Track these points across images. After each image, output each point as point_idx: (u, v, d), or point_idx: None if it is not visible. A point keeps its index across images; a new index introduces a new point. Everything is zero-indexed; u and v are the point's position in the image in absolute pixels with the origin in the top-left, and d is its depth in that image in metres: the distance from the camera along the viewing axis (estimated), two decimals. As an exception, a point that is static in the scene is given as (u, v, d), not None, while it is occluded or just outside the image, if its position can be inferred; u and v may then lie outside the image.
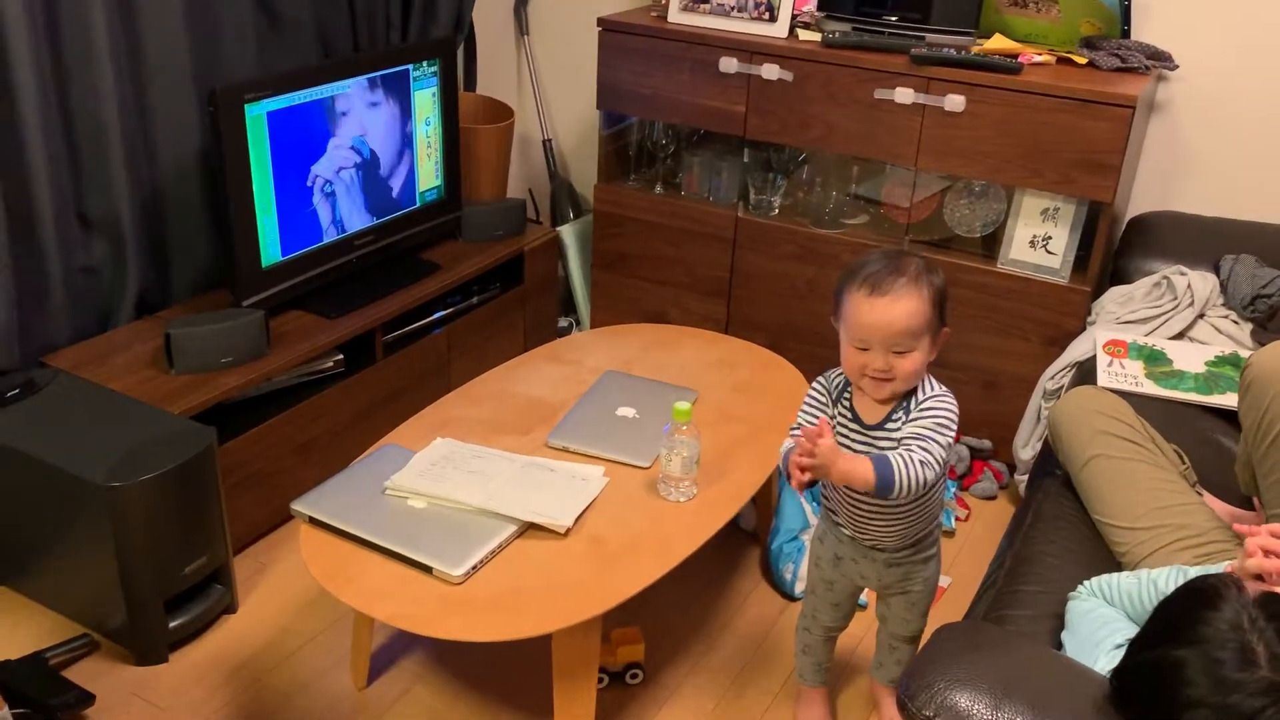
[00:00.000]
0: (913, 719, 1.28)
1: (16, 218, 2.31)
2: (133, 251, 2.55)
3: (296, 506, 1.89)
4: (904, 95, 2.65)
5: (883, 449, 1.67)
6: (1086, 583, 1.65)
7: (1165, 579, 1.54)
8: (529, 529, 1.87)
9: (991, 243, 2.80)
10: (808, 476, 1.59)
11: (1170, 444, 2.00)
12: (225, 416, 2.36)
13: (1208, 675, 1.16)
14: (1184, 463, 1.99)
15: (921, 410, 1.67)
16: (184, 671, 2.15)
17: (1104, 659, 1.47)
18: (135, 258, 2.56)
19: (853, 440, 1.73)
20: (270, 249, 2.55)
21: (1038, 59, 2.66)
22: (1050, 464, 2.23)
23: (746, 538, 2.59)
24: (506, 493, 1.92)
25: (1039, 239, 2.68)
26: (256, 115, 2.41)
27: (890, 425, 1.69)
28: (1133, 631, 1.51)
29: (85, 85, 2.38)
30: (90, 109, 2.40)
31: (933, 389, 1.69)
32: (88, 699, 2.03)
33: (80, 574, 2.16)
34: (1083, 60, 2.68)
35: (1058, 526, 1.91)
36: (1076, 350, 2.56)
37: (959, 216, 2.82)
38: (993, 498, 2.81)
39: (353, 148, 2.71)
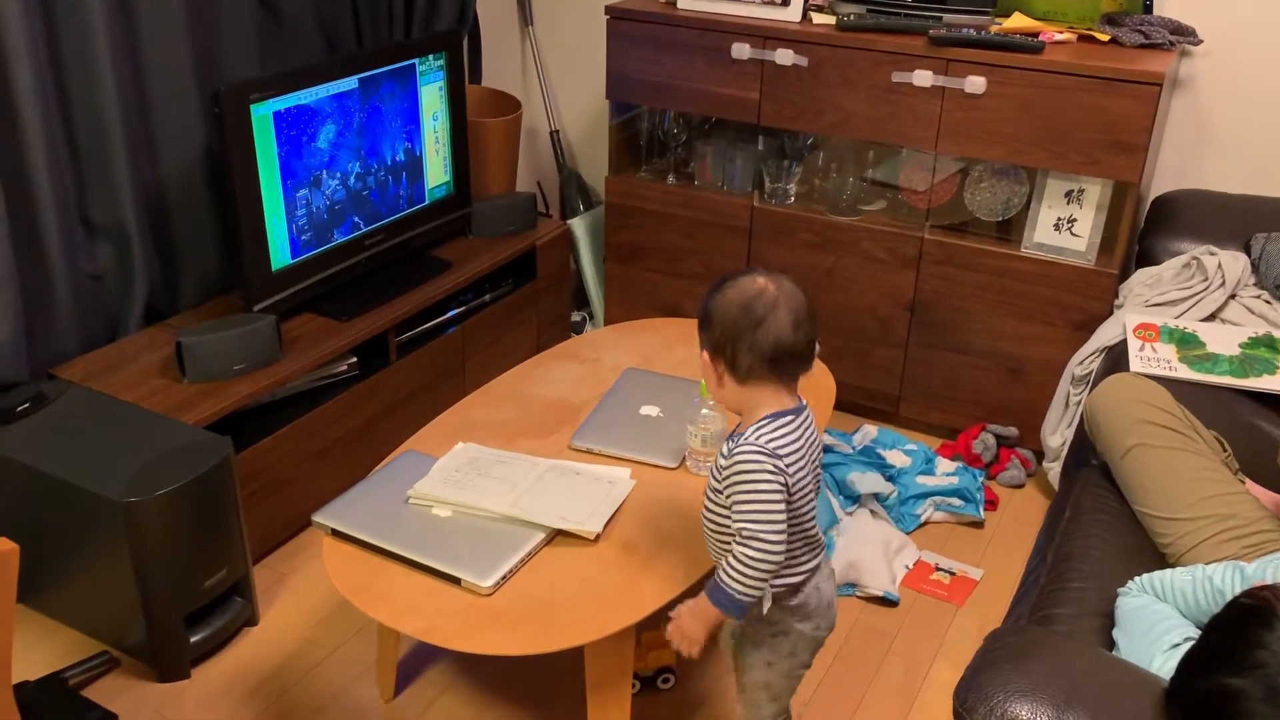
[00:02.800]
0: (972, 733, 1.23)
1: (20, 225, 2.26)
2: (140, 257, 2.50)
3: (318, 519, 1.84)
4: (922, 78, 2.59)
5: (713, 466, 1.56)
6: (1137, 579, 1.60)
7: (1221, 577, 1.49)
8: (557, 536, 1.83)
9: (1009, 227, 2.74)
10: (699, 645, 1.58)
11: (1210, 430, 1.95)
12: (239, 424, 2.31)
13: (1269, 704, 1.12)
14: (1225, 450, 1.94)
15: (729, 467, 1.49)
16: (207, 687, 2.11)
17: (1160, 658, 1.43)
18: (142, 263, 2.51)
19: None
20: (279, 251, 2.50)
21: (1059, 37, 2.60)
22: (1085, 453, 2.18)
23: (773, 534, 2.54)
24: (533, 499, 1.87)
25: (1063, 221, 2.62)
26: (262, 115, 2.35)
27: (725, 449, 1.53)
28: (1188, 630, 1.47)
29: (86, 87, 2.33)
30: (91, 111, 2.35)
31: (744, 442, 1.48)
32: (110, 719, 1.99)
33: (98, 590, 2.12)
34: (1105, 37, 2.62)
35: (1098, 520, 1.86)
36: (1105, 334, 2.51)
37: (980, 200, 2.76)
38: (1020, 486, 2.77)
39: (360, 146, 2.65)
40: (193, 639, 2.12)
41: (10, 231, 2.21)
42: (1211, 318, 2.45)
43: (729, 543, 1.53)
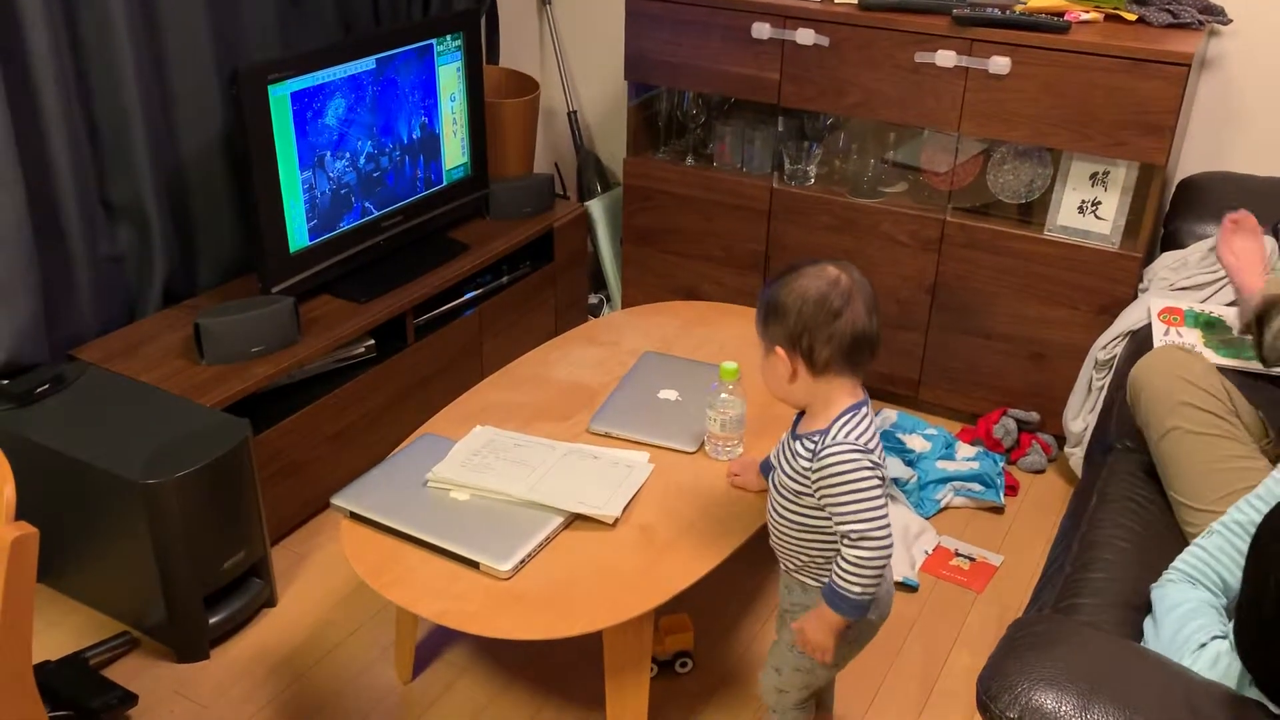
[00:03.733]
0: (996, 721, 1.22)
1: (40, 207, 2.26)
2: (158, 238, 2.50)
3: (336, 501, 1.84)
4: (946, 58, 2.55)
5: (787, 465, 1.55)
6: (1174, 566, 1.57)
7: (1245, 514, 1.48)
8: (576, 520, 1.82)
9: (1032, 209, 2.71)
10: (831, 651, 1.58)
11: (1256, 410, 1.92)
12: (257, 406, 2.31)
13: None
14: (1268, 434, 1.91)
15: (822, 468, 1.47)
16: (226, 668, 2.11)
17: (1189, 658, 1.41)
18: (161, 245, 2.51)
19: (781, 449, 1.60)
20: (297, 233, 2.49)
21: (1085, 17, 2.56)
22: (1109, 438, 2.16)
23: (791, 518, 2.53)
24: (551, 483, 1.86)
25: (1087, 204, 2.59)
26: (280, 96, 2.34)
27: (803, 448, 1.52)
28: (1215, 628, 1.44)
29: (105, 69, 2.32)
30: (111, 94, 2.34)
31: (832, 440, 1.47)
32: (130, 699, 2.00)
33: (118, 571, 2.13)
34: (1132, 16, 2.57)
35: (1125, 509, 1.84)
36: (1129, 319, 2.48)
37: (1003, 182, 2.73)
38: (1041, 471, 2.74)
39: (377, 126, 2.64)
40: (212, 620, 2.12)
41: (31, 214, 2.21)
42: (1236, 302, 2.41)
43: (813, 542, 1.53)
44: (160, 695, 2.05)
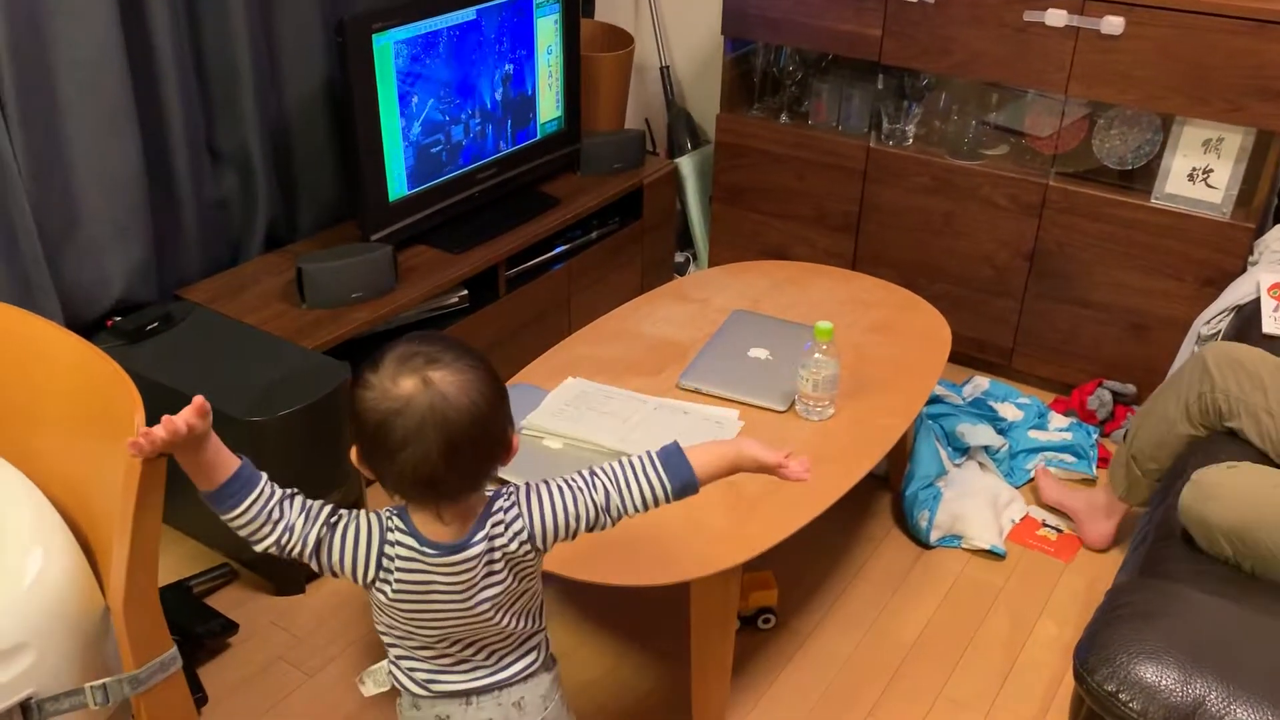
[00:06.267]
0: (1094, 695, 1.21)
1: (153, 153, 2.33)
2: (262, 185, 2.56)
3: (433, 445, 1.88)
4: (1056, 17, 2.47)
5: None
6: None
7: None
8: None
9: (1136, 176, 2.62)
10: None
11: None
12: (353, 351, 2.36)
13: None
14: None
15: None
16: (320, 602, 2.19)
17: None
18: (264, 191, 2.57)
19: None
20: (397, 182, 2.53)
21: (1206, -25, 2.45)
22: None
23: (877, 483, 2.51)
24: (642, 435, 1.88)
25: (1198, 172, 2.50)
26: (383, 45, 2.37)
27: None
28: None
29: (217, 19, 2.38)
30: (222, 43, 2.40)
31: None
32: (232, 627, 2.08)
33: (220, 505, 2.20)
34: (1256, -25, 2.46)
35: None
36: (1236, 292, 2.40)
37: (1108, 147, 2.65)
38: (1135, 445, 2.68)
39: (476, 78, 2.66)
40: (308, 556, 2.19)
41: (145, 159, 2.28)
42: (1356, 277, 2.32)
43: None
44: (258, 625, 2.13)
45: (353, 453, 1.22)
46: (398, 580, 1.23)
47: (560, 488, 1.29)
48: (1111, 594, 1.36)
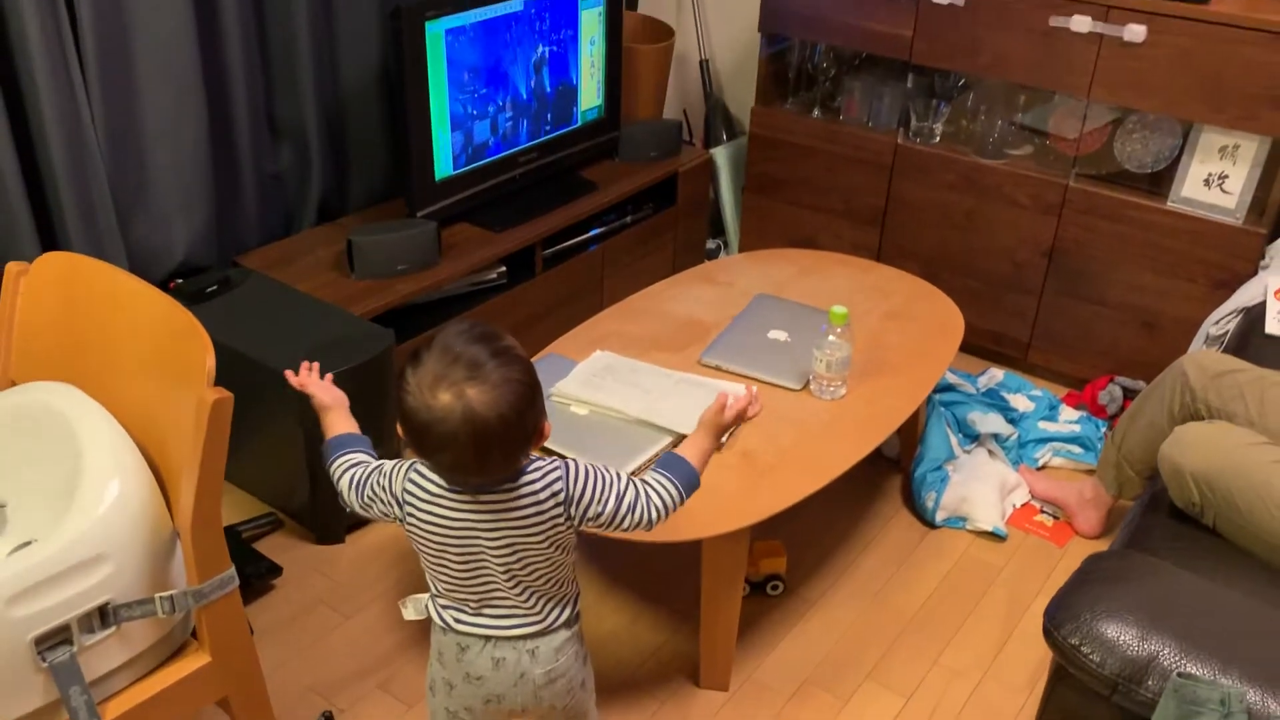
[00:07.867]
0: (1059, 648, 1.32)
1: (216, 125, 2.49)
2: (316, 159, 2.71)
3: (469, 407, 2.02)
4: (1080, 23, 2.56)
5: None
6: None
7: None
8: (683, 440, 1.96)
9: (1154, 180, 2.70)
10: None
11: None
12: (398, 320, 2.51)
13: None
14: None
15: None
16: (360, 551, 2.34)
17: None
18: (319, 165, 2.72)
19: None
20: (443, 162, 2.67)
21: (1229, -13, 2.53)
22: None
23: (889, 464, 2.63)
24: (663, 406, 2.01)
25: (1214, 177, 2.58)
26: (435, 32, 2.51)
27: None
28: None
29: (279, 1, 2.52)
30: (284, 20, 2.55)
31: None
32: (277, 570, 2.24)
33: (269, 457, 2.36)
34: (1279, -11, 2.53)
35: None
36: (1245, 295, 2.48)
37: (1130, 151, 2.73)
38: (1143, 440, 2.77)
39: (522, 65, 2.79)
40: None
41: (209, 130, 2.44)
42: (1362, 284, 2.39)
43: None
44: (301, 570, 2.28)
45: (398, 426, 1.36)
46: (423, 518, 1.37)
47: (601, 472, 1.41)
48: (1087, 560, 1.47)
